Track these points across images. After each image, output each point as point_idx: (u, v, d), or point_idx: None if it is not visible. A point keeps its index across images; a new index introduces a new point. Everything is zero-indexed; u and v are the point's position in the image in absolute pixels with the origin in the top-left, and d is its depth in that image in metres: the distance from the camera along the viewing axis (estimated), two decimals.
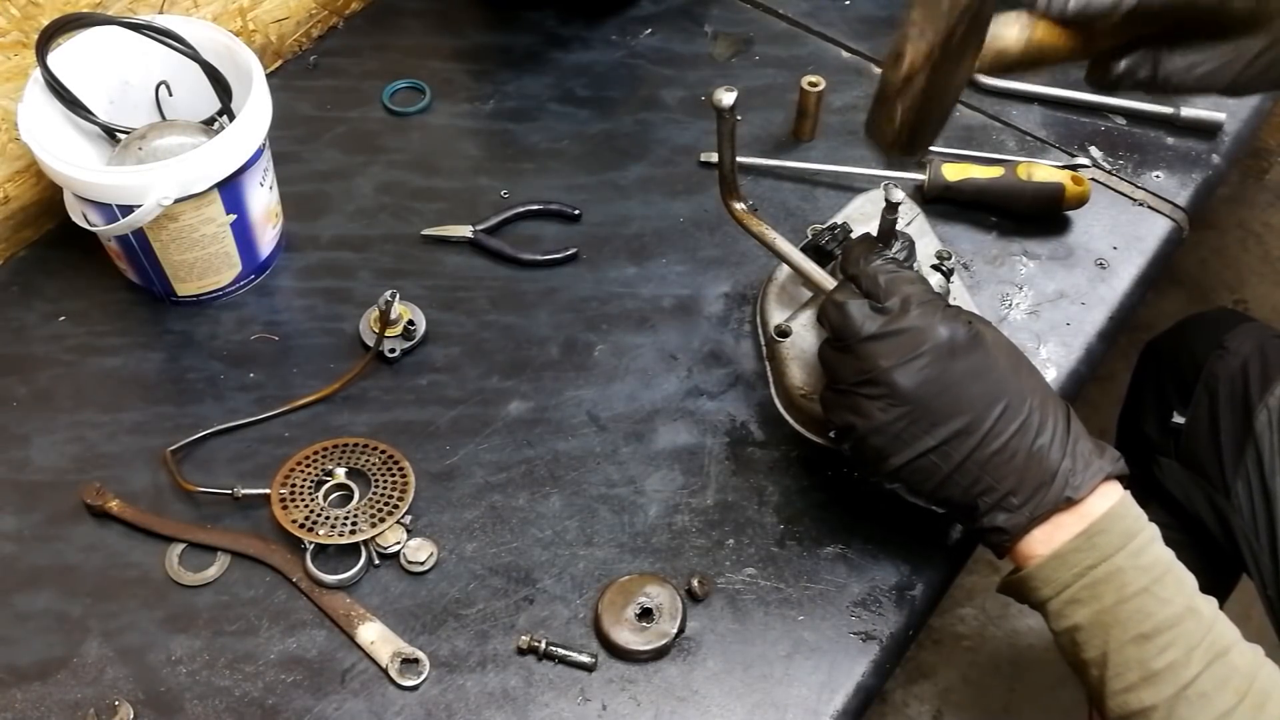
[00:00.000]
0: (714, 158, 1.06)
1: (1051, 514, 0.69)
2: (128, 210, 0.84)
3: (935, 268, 0.90)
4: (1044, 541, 0.70)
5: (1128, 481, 0.72)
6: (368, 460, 0.84)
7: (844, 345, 0.73)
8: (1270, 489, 1.08)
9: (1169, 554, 0.70)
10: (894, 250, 0.83)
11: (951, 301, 0.91)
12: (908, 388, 0.70)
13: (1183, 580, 0.69)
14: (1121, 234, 1.01)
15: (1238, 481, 1.13)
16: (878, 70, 1.15)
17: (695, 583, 0.79)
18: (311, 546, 0.79)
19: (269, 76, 0.92)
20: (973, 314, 0.75)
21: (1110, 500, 0.70)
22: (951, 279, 0.91)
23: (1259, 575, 1.12)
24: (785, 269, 0.95)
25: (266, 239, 0.95)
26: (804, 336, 0.89)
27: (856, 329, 0.72)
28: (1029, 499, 0.70)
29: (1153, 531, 0.70)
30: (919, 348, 0.70)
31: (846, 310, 0.73)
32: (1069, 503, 0.69)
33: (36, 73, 0.88)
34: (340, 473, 0.83)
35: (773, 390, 0.90)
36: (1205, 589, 0.70)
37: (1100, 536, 0.68)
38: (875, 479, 0.75)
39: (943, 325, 0.71)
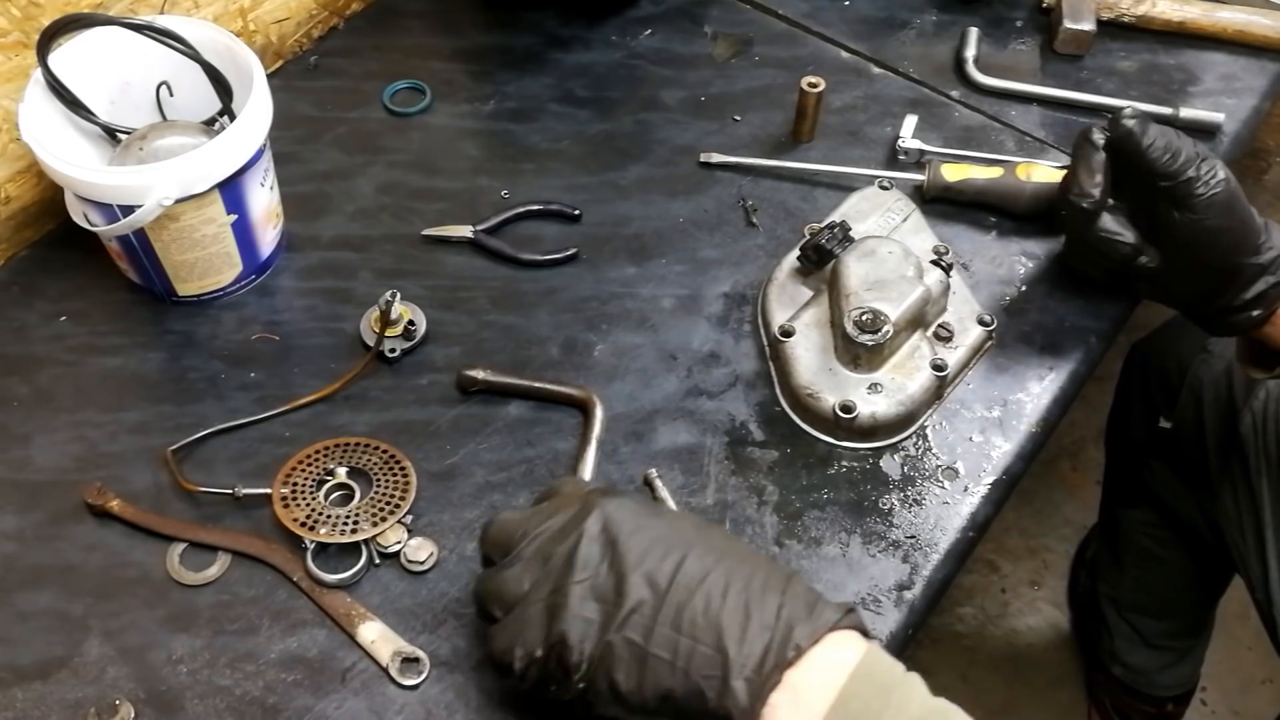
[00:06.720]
0: (713, 158, 1.06)
1: (781, 672, 0.59)
2: (128, 210, 0.84)
3: (934, 263, 0.91)
4: (790, 704, 0.59)
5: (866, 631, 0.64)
6: (369, 460, 0.84)
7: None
8: (1255, 492, 1.08)
9: (939, 703, 0.61)
10: None
11: (952, 297, 0.92)
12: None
13: None
14: None
15: (1224, 485, 1.13)
16: (877, 70, 1.15)
17: None
18: (312, 545, 0.79)
19: (269, 77, 0.92)
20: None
21: (854, 654, 0.61)
22: (950, 273, 0.92)
23: (1247, 578, 1.12)
24: (785, 268, 0.95)
25: (267, 239, 0.95)
26: (808, 336, 0.89)
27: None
28: (750, 662, 0.59)
29: (914, 681, 0.61)
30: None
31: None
32: (798, 653, 0.59)
33: (37, 73, 0.88)
34: (341, 472, 0.84)
35: (777, 390, 0.90)
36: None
37: (855, 702, 0.59)
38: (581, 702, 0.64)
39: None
